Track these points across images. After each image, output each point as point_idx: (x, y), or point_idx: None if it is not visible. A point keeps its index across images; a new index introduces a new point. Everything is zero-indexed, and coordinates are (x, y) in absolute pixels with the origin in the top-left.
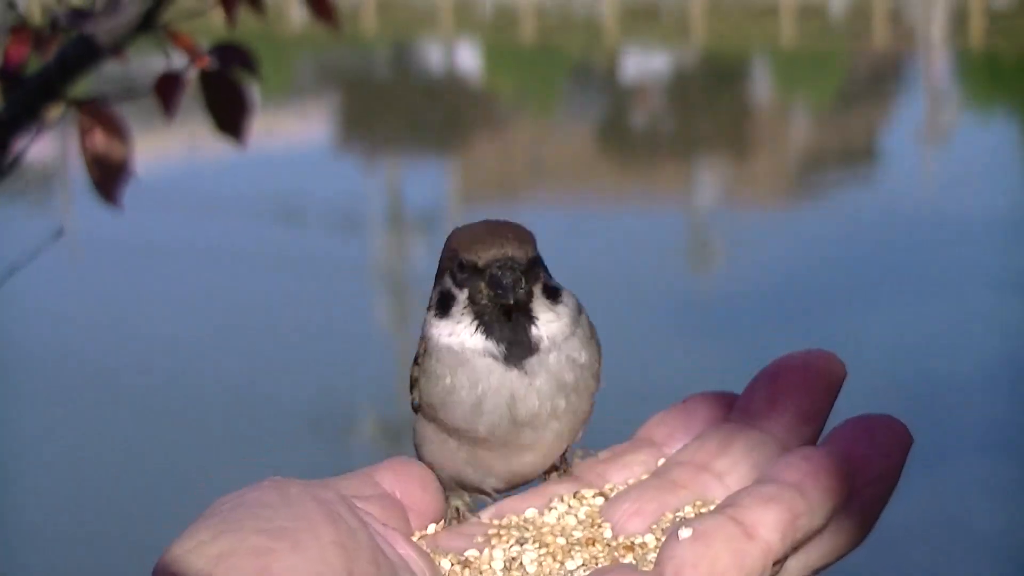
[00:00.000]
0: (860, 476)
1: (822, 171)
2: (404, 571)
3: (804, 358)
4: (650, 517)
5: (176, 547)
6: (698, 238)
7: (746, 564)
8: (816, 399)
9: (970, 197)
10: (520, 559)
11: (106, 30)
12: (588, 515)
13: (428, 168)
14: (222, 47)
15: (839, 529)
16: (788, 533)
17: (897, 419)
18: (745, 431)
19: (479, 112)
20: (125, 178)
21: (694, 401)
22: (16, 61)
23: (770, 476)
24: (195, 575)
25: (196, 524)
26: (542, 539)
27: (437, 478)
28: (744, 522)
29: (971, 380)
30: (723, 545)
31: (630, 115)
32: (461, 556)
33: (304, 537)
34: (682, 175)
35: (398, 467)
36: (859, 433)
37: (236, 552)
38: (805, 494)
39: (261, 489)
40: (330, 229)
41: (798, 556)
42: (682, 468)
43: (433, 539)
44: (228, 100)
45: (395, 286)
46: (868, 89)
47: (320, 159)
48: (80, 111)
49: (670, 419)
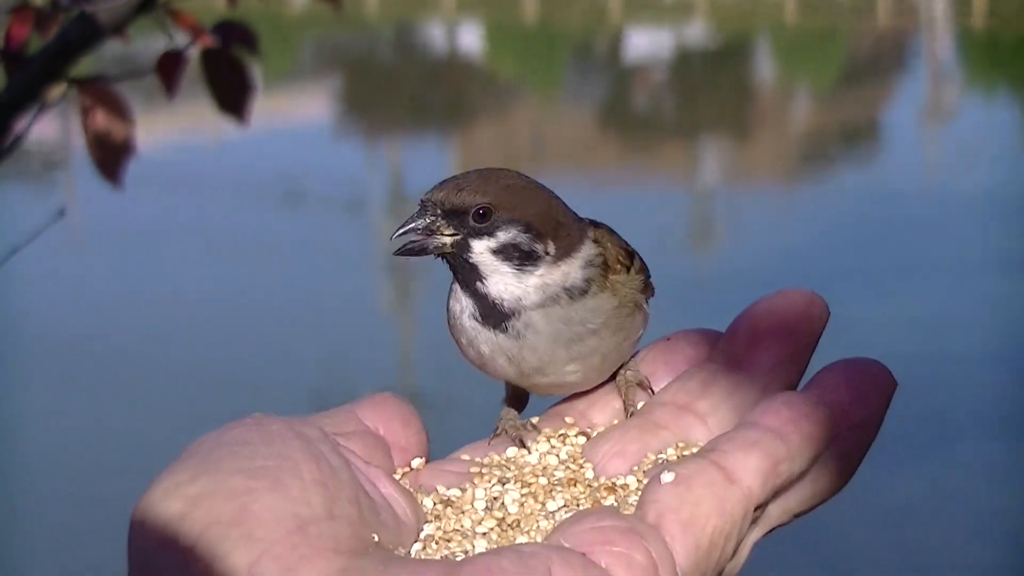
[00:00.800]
0: (842, 422)
1: (824, 151)
2: (386, 511)
3: (787, 298)
4: (632, 458)
5: (155, 488)
6: (701, 218)
7: (727, 509)
8: (798, 340)
9: (972, 176)
10: (502, 499)
11: (107, 9)
12: (570, 455)
13: (430, 149)
14: (223, 25)
15: (820, 475)
16: (769, 479)
17: (880, 363)
18: (727, 372)
19: (481, 93)
20: (127, 157)
21: (678, 339)
22: (18, 41)
23: (751, 421)
24: (173, 517)
25: (175, 464)
26: (524, 479)
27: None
28: (725, 467)
29: (974, 359)
30: (704, 490)
31: (632, 95)
32: (443, 495)
33: (285, 476)
34: (685, 155)
35: (380, 403)
36: (841, 379)
37: (215, 493)
38: (786, 440)
39: (242, 426)
40: (332, 210)
41: (779, 501)
42: (664, 409)
43: (415, 477)
44: (229, 78)
45: (397, 268)
46: (871, 68)
47: (322, 140)
48: (81, 91)
49: (653, 357)
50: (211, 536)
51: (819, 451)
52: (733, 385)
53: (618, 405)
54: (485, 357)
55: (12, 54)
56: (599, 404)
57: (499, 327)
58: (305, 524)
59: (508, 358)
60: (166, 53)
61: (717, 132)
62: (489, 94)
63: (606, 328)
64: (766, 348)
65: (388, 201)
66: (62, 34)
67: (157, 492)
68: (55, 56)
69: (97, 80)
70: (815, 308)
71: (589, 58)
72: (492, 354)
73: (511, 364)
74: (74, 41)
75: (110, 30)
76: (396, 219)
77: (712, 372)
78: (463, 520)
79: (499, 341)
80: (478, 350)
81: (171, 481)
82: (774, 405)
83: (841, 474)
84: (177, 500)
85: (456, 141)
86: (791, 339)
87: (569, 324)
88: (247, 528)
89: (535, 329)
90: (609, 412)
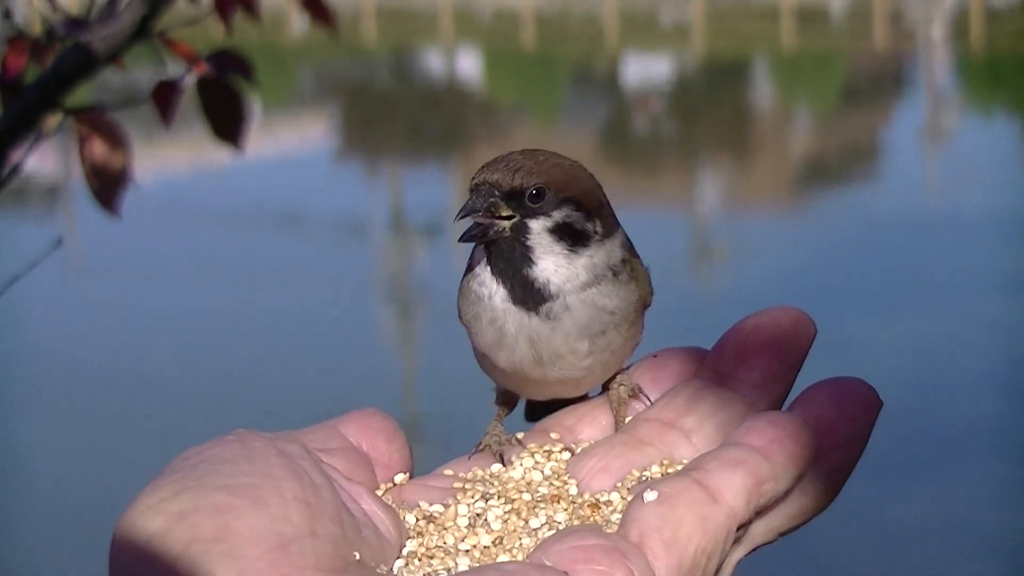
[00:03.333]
0: (827, 441)
1: (824, 173)
2: (368, 528)
3: (773, 316)
4: (616, 475)
5: (138, 504)
6: (701, 241)
7: (710, 528)
8: (785, 358)
9: (972, 198)
10: (485, 515)
11: (102, 38)
12: (554, 471)
13: (430, 175)
14: (219, 54)
15: (805, 493)
16: (753, 498)
17: (865, 382)
18: (713, 389)
19: (480, 119)
20: (124, 186)
21: (665, 356)
22: (14, 71)
23: (736, 440)
24: (155, 533)
25: (158, 480)
26: (507, 495)
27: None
28: (709, 486)
29: (974, 380)
30: (687, 509)
31: (632, 120)
32: (426, 511)
33: (266, 494)
34: (685, 179)
35: (363, 419)
36: (827, 397)
37: (197, 509)
38: (770, 459)
39: (225, 443)
40: (332, 237)
41: (764, 520)
42: (649, 425)
43: (399, 492)
44: (225, 106)
45: (398, 293)
46: (869, 91)
47: (322, 167)
48: (78, 120)
49: (640, 374)
50: (193, 553)
51: (804, 470)
52: (719, 402)
53: (605, 421)
54: (507, 338)
55: (9, 84)
56: (586, 419)
57: (535, 310)
58: (286, 542)
59: (532, 340)
60: (162, 82)
61: (716, 155)
62: (488, 119)
63: (624, 321)
64: (752, 366)
65: (388, 228)
66: (57, 63)
67: (139, 508)
68: (51, 85)
69: (93, 109)
70: (802, 325)
71: (588, 83)
72: (516, 335)
73: (532, 348)
74: (69, 70)
75: (105, 59)
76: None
77: (698, 389)
78: (446, 537)
79: (531, 323)
80: (501, 329)
81: (154, 497)
82: (758, 424)
83: (826, 492)
84: (159, 516)
85: (456, 167)
86: (778, 356)
87: (600, 312)
88: (229, 545)
89: (571, 312)
90: (596, 427)
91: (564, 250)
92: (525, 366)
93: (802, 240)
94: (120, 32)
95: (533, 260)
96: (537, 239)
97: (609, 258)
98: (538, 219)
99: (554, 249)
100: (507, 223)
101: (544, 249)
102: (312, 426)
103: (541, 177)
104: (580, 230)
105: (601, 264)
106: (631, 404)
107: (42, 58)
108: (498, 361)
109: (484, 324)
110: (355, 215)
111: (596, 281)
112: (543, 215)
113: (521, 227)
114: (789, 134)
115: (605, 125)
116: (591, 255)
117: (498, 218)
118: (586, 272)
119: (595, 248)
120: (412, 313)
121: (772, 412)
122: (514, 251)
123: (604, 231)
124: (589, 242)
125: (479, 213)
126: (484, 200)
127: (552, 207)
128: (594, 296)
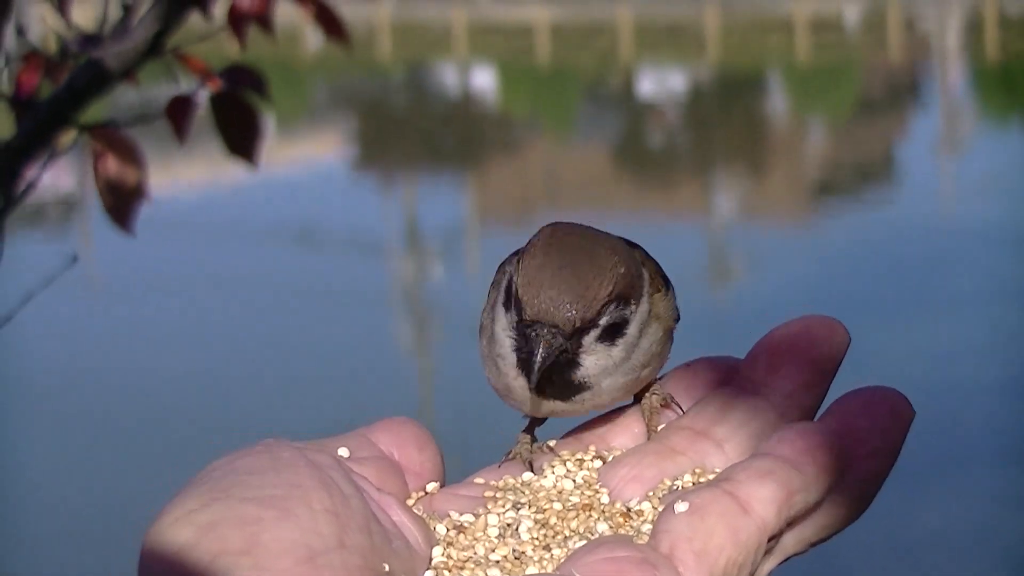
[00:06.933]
0: (858, 451)
1: (839, 185)
2: (397, 539)
3: (806, 324)
4: (648, 483)
5: (165, 516)
6: (716, 254)
7: (741, 539)
8: (817, 367)
9: (987, 208)
10: (516, 525)
11: (115, 54)
12: (585, 479)
13: (445, 190)
14: (232, 69)
15: (836, 504)
16: (783, 509)
17: (898, 391)
18: (745, 397)
19: (495, 133)
20: (138, 203)
21: (698, 365)
22: (28, 88)
23: (766, 450)
24: (183, 545)
25: (185, 491)
26: (538, 503)
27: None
28: (739, 497)
29: (993, 390)
30: (718, 520)
31: (646, 133)
32: (456, 521)
33: (295, 505)
34: (699, 192)
35: (394, 427)
36: (859, 406)
37: (225, 521)
38: (801, 470)
39: (252, 454)
40: (348, 252)
41: (795, 531)
42: (682, 433)
43: (429, 502)
44: (240, 122)
45: (414, 307)
46: (884, 102)
47: (337, 183)
48: (92, 136)
49: (672, 382)
50: (221, 565)
51: (835, 480)
52: (751, 411)
53: (638, 429)
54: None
55: (22, 101)
56: (618, 427)
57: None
58: (315, 554)
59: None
60: (176, 98)
61: (731, 167)
62: (503, 134)
63: (655, 358)
64: (785, 374)
65: (403, 242)
66: (70, 80)
67: (167, 519)
68: (64, 102)
69: (107, 125)
70: (835, 334)
71: (602, 96)
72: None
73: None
74: (83, 86)
75: (119, 75)
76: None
77: (730, 398)
78: (476, 547)
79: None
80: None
81: (182, 509)
82: (789, 435)
83: (858, 502)
84: (187, 528)
85: (471, 181)
86: (811, 365)
87: (627, 374)
88: (256, 558)
89: (599, 388)
90: (628, 436)
91: (605, 346)
92: (542, 410)
93: (818, 251)
94: (133, 48)
95: (579, 363)
96: (586, 350)
97: (640, 323)
98: (589, 332)
99: (597, 349)
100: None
101: (588, 353)
102: (342, 434)
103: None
104: (622, 323)
105: (634, 336)
106: (663, 413)
107: (56, 75)
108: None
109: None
110: (370, 230)
111: (629, 353)
112: (592, 327)
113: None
114: (804, 145)
115: (620, 138)
116: (625, 336)
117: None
118: (620, 353)
119: (631, 326)
120: (428, 327)
121: (803, 423)
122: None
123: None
124: (627, 327)
125: (551, 358)
126: (548, 352)
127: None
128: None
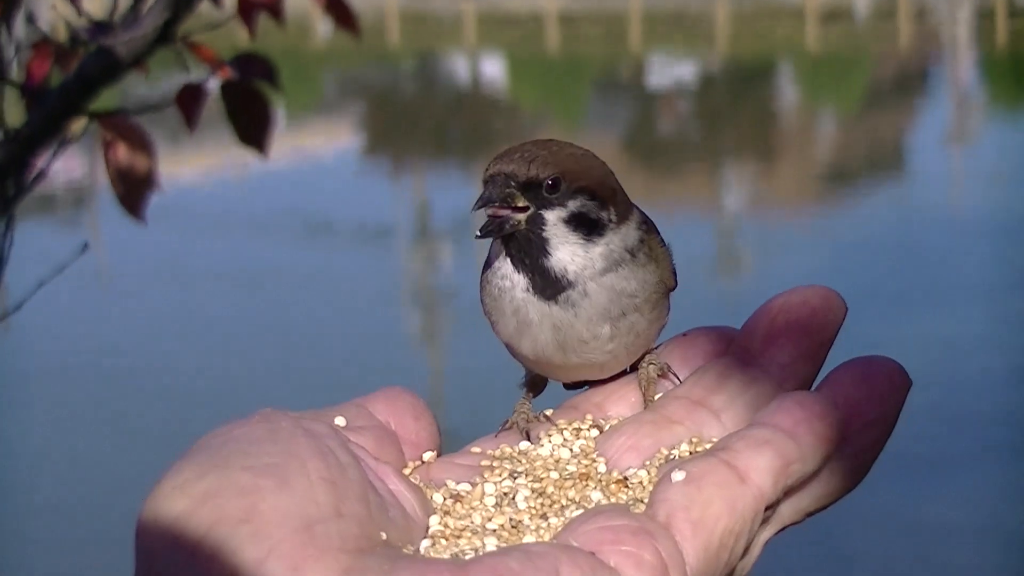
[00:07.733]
0: (854, 421)
1: (849, 175)
2: (394, 507)
3: (803, 295)
4: (645, 453)
5: (162, 485)
6: (726, 244)
7: (738, 508)
8: (814, 337)
9: (996, 198)
10: (512, 494)
11: (125, 43)
12: (582, 448)
13: (455, 179)
14: (243, 57)
15: (833, 473)
16: (780, 479)
17: (894, 361)
18: (742, 367)
19: (505, 122)
20: (149, 191)
21: (695, 334)
22: (39, 76)
23: (763, 420)
24: (180, 514)
25: (182, 460)
26: (535, 473)
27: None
28: (736, 466)
29: (1003, 379)
30: (715, 489)
31: (656, 122)
32: (453, 490)
33: (292, 474)
34: (709, 181)
35: (391, 397)
36: (855, 376)
37: (222, 490)
38: (798, 440)
39: (250, 423)
40: (358, 242)
41: (791, 500)
42: (679, 403)
43: (426, 471)
44: (250, 111)
45: (424, 297)
46: (894, 92)
47: (347, 172)
48: (102, 125)
49: (669, 352)
50: (218, 534)
51: (831, 450)
52: (748, 381)
53: (634, 399)
54: (531, 327)
55: (33, 89)
56: (615, 396)
57: (554, 299)
58: (312, 523)
59: (555, 328)
60: (185, 86)
61: (741, 157)
62: (513, 123)
63: (646, 304)
64: (782, 344)
65: (414, 231)
66: (81, 68)
67: (164, 489)
68: (75, 90)
69: (118, 114)
70: (831, 304)
71: (612, 86)
72: (539, 323)
73: (555, 335)
74: (93, 75)
75: (129, 63)
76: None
77: (728, 367)
78: (473, 516)
79: (552, 311)
80: (524, 318)
81: (178, 478)
82: (786, 404)
83: (855, 472)
84: (184, 497)
85: (480, 171)
86: (807, 335)
87: (619, 295)
88: (254, 526)
89: (591, 299)
90: (624, 405)
91: (580, 239)
92: (549, 352)
93: (827, 240)
94: (143, 37)
95: (549, 251)
96: (553, 230)
97: (625, 242)
98: (553, 210)
99: (569, 239)
100: (522, 216)
101: (560, 239)
102: (340, 404)
103: (556, 167)
104: (595, 219)
105: (617, 250)
106: (660, 382)
107: (66, 63)
108: (521, 348)
109: (507, 314)
110: (380, 219)
111: (613, 267)
112: (558, 206)
113: (537, 219)
114: (814, 135)
115: (630, 127)
116: (607, 243)
117: (514, 209)
118: (602, 259)
119: (610, 235)
120: (438, 316)
121: (800, 392)
122: (531, 242)
123: (618, 218)
124: (604, 231)
125: (495, 204)
126: (500, 191)
127: (567, 197)
128: (612, 280)
